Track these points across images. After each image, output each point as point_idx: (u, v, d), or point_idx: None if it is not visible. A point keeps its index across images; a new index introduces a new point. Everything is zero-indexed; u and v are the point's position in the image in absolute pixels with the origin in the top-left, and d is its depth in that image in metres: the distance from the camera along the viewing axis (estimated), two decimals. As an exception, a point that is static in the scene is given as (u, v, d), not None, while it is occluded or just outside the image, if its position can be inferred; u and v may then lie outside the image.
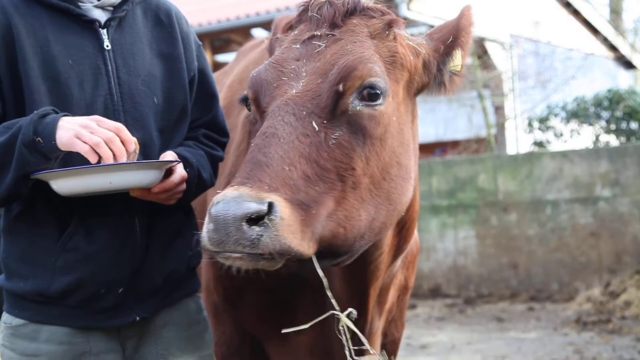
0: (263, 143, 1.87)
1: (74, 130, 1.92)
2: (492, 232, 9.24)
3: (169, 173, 2.12)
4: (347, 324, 1.98)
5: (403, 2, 10.95)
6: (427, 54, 2.19)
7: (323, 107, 1.95)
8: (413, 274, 2.80)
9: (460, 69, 2.24)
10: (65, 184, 1.97)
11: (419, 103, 2.30)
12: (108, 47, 2.17)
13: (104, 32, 2.17)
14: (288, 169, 1.83)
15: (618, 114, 10.70)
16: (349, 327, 1.98)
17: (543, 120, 11.65)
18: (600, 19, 16.48)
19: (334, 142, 1.93)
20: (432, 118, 14.23)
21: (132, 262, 2.17)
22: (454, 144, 14.06)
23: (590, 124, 11.09)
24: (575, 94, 11.74)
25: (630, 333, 7.00)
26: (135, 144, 2.01)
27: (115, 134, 1.95)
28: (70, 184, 1.97)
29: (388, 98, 2.03)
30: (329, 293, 1.96)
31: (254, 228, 1.71)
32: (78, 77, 2.11)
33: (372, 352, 2.26)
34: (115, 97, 2.15)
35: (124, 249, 2.15)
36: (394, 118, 2.06)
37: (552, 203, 8.90)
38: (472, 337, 7.34)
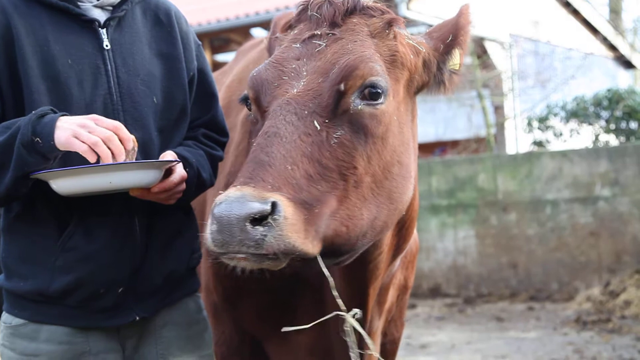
0: (265, 142, 1.87)
1: (72, 130, 1.92)
2: (491, 231, 9.24)
3: (169, 173, 2.12)
4: (352, 324, 1.98)
5: (402, 1, 10.94)
6: (427, 53, 2.19)
7: (324, 106, 1.94)
8: (412, 274, 2.80)
9: (459, 68, 2.24)
10: (65, 184, 1.97)
11: (419, 103, 2.30)
12: (107, 46, 2.17)
13: (104, 31, 2.17)
14: (290, 168, 1.82)
15: (617, 114, 10.69)
16: (354, 327, 1.98)
17: (542, 120, 11.64)
18: (600, 19, 16.48)
19: (336, 141, 1.93)
20: (431, 118, 14.22)
21: (131, 261, 2.17)
22: (454, 144, 14.06)
23: (590, 124, 11.08)
24: (575, 94, 11.72)
25: (630, 332, 7.00)
26: (134, 142, 2.01)
27: (114, 133, 1.95)
28: (70, 184, 1.97)
29: (389, 97, 2.03)
30: (335, 293, 1.96)
31: (258, 228, 1.71)
32: (77, 76, 2.11)
33: (375, 354, 2.26)
34: (115, 96, 2.15)
35: (124, 249, 2.15)
36: (395, 117, 2.06)
37: (551, 203, 8.90)
38: (471, 336, 7.34)
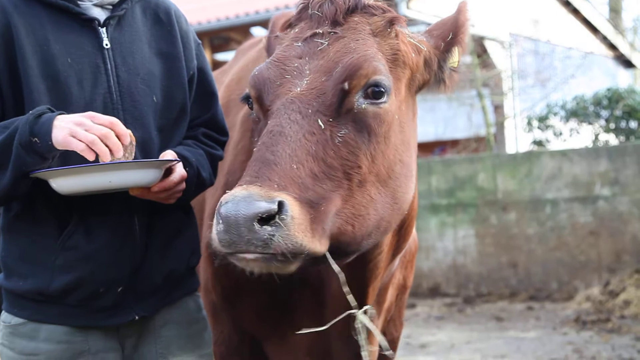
0: (270, 141, 1.86)
1: (69, 129, 1.92)
2: (491, 231, 9.24)
3: (169, 172, 2.12)
4: (364, 322, 1.97)
5: (402, 0, 10.94)
6: (428, 51, 2.19)
7: (328, 105, 1.94)
8: (412, 273, 2.80)
9: (457, 65, 2.25)
10: (65, 183, 1.97)
11: (419, 102, 2.30)
12: (107, 45, 2.16)
13: (103, 30, 2.17)
14: (296, 167, 1.82)
15: (617, 113, 10.69)
16: (366, 324, 1.98)
17: (542, 119, 11.64)
18: (600, 18, 16.48)
19: (340, 140, 1.93)
20: (431, 117, 14.22)
21: (131, 261, 2.17)
22: (454, 143, 14.06)
23: (590, 123, 11.08)
24: (575, 93, 11.73)
25: (630, 332, 7.00)
26: (131, 137, 2.00)
27: (110, 129, 1.95)
28: (70, 183, 1.97)
29: (392, 96, 2.03)
30: (346, 288, 1.96)
31: (266, 228, 1.70)
32: (77, 75, 2.11)
33: (388, 352, 2.24)
34: (115, 95, 2.15)
35: (124, 248, 2.15)
36: (397, 116, 2.06)
37: (551, 202, 8.90)
38: (471, 336, 7.34)
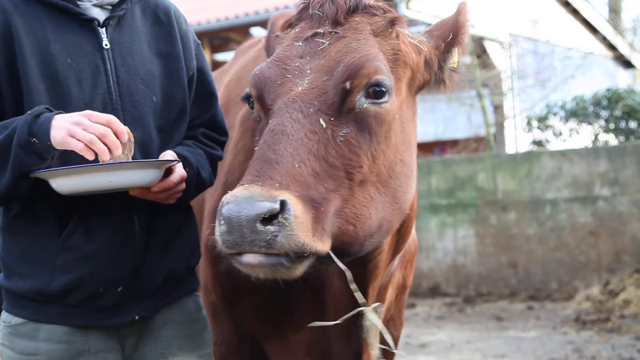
0: (272, 140, 1.86)
1: (67, 129, 1.92)
2: (491, 231, 9.24)
3: (169, 172, 2.12)
4: (372, 319, 1.97)
5: (402, 1, 10.94)
6: (428, 52, 2.20)
7: (330, 104, 1.94)
8: (411, 273, 2.80)
9: (457, 66, 2.25)
10: (65, 183, 1.97)
11: (419, 102, 2.31)
12: (107, 45, 2.16)
13: (103, 30, 2.17)
14: (298, 166, 1.82)
15: (617, 113, 10.69)
16: (374, 322, 1.98)
17: (542, 120, 11.64)
18: (599, 18, 16.48)
19: (342, 139, 1.93)
20: (431, 117, 14.22)
21: (131, 261, 2.17)
22: (453, 143, 14.06)
23: (589, 123, 11.08)
24: (574, 93, 11.73)
25: (630, 332, 7.00)
26: (129, 134, 2.00)
27: (108, 127, 1.95)
28: (70, 183, 1.97)
29: (393, 96, 2.03)
30: (353, 286, 1.96)
31: (269, 228, 1.70)
32: (77, 75, 2.11)
33: (395, 351, 2.24)
34: (114, 95, 2.15)
35: (124, 248, 2.15)
36: (397, 116, 2.06)
37: (551, 202, 8.90)
38: (471, 336, 7.34)
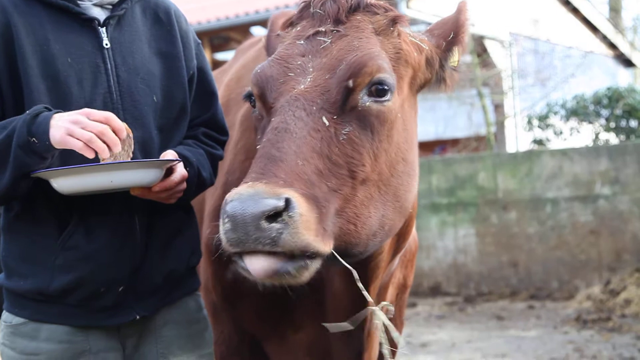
0: (276, 138, 1.86)
1: (65, 128, 1.91)
2: (492, 230, 9.24)
3: (170, 172, 2.12)
4: (380, 317, 1.97)
5: (402, 0, 10.94)
6: (429, 51, 2.20)
7: (332, 102, 1.94)
8: (412, 272, 2.80)
9: (457, 64, 2.25)
10: (66, 183, 1.97)
11: (419, 101, 2.31)
12: (107, 45, 2.16)
13: (103, 30, 2.17)
14: (301, 164, 1.82)
15: (617, 112, 10.70)
16: (382, 320, 1.97)
17: (543, 119, 11.65)
18: (600, 17, 16.47)
19: (345, 137, 1.92)
20: (432, 116, 14.22)
21: (132, 260, 2.17)
22: (454, 142, 14.06)
23: (590, 122, 11.09)
24: (575, 92, 11.74)
25: (630, 331, 7.00)
26: (127, 130, 2.00)
27: (106, 124, 1.94)
28: (71, 183, 1.97)
29: (395, 94, 2.03)
30: (360, 285, 1.96)
31: (274, 225, 1.69)
32: (77, 75, 2.11)
33: (401, 343, 2.24)
34: (115, 95, 2.15)
35: (124, 248, 2.15)
36: (399, 115, 2.06)
37: (551, 201, 8.90)
38: (472, 335, 7.34)
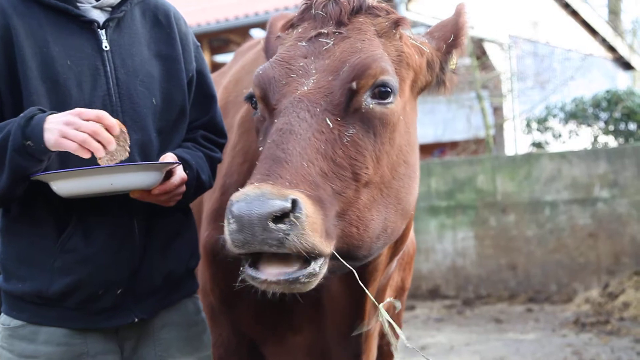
0: (280, 139, 1.86)
1: (59, 130, 1.91)
2: (490, 233, 9.23)
3: (169, 175, 2.12)
4: (384, 315, 1.97)
5: (402, 2, 10.94)
6: (430, 53, 2.20)
7: (336, 104, 1.94)
8: (410, 275, 2.80)
9: (455, 67, 2.26)
10: (66, 186, 1.97)
11: (418, 104, 2.31)
12: (107, 47, 2.16)
13: (103, 32, 2.17)
14: (307, 165, 1.82)
15: (616, 115, 10.70)
16: (386, 318, 1.98)
17: (541, 121, 11.65)
18: (599, 20, 16.49)
19: (348, 139, 1.93)
20: (430, 119, 14.21)
21: (130, 263, 2.17)
22: (453, 145, 14.05)
23: (589, 125, 11.09)
24: (574, 95, 11.73)
25: (629, 334, 6.99)
26: (120, 125, 1.99)
27: (99, 123, 1.94)
28: (71, 186, 1.96)
29: (397, 97, 2.04)
30: (362, 284, 1.96)
31: (280, 227, 1.69)
32: (77, 77, 2.11)
33: (405, 340, 2.24)
34: (114, 97, 2.15)
35: (122, 250, 2.15)
36: (402, 117, 2.07)
37: (550, 204, 8.90)
38: (470, 338, 7.33)
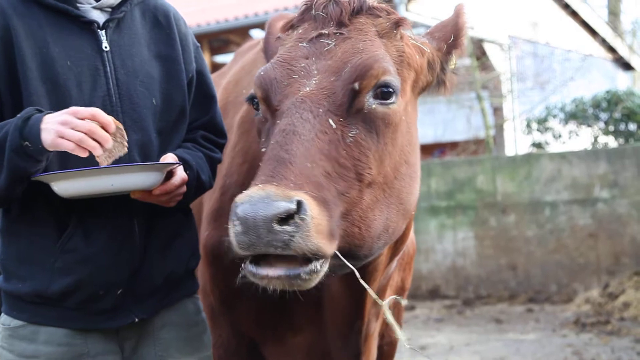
0: (284, 140, 1.86)
1: (55, 131, 1.91)
2: (490, 233, 9.23)
3: (170, 175, 2.12)
4: (386, 313, 1.98)
5: (402, 3, 10.95)
6: (431, 54, 2.21)
7: (339, 105, 1.94)
8: (410, 275, 2.80)
9: (455, 67, 2.26)
10: (67, 186, 1.97)
11: (418, 104, 2.31)
12: (106, 48, 2.17)
13: (103, 33, 2.17)
14: (310, 166, 1.81)
15: (616, 116, 10.71)
16: (387, 317, 1.98)
17: (541, 122, 11.65)
18: (599, 21, 16.49)
19: (351, 140, 1.93)
20: (431, 119, 14.21)
21: (130, 263, 2.17)
22: (453, 145, 14.05)
23: (589, 126, 11.09)
24: (574, 96, 11.74)
25: (629, 334, 6.99)
26: (115, 122, 1.98)
27: (94, 121, 1.93)
28: (72, 186, 1.96)
29: (399, 97, 2.04)
30: (363, 282, 1.96)
31: (286, 228, 1.69)
32: (77, 78, 2.11)
33: (405, 341, 2.24)
34: (114, 98, 2.15)
35: (123, 251, 2.15)
36: (403, 117, 2.07)
37: (550, 204, 8.90)
38: (470, 338, 7.33)
